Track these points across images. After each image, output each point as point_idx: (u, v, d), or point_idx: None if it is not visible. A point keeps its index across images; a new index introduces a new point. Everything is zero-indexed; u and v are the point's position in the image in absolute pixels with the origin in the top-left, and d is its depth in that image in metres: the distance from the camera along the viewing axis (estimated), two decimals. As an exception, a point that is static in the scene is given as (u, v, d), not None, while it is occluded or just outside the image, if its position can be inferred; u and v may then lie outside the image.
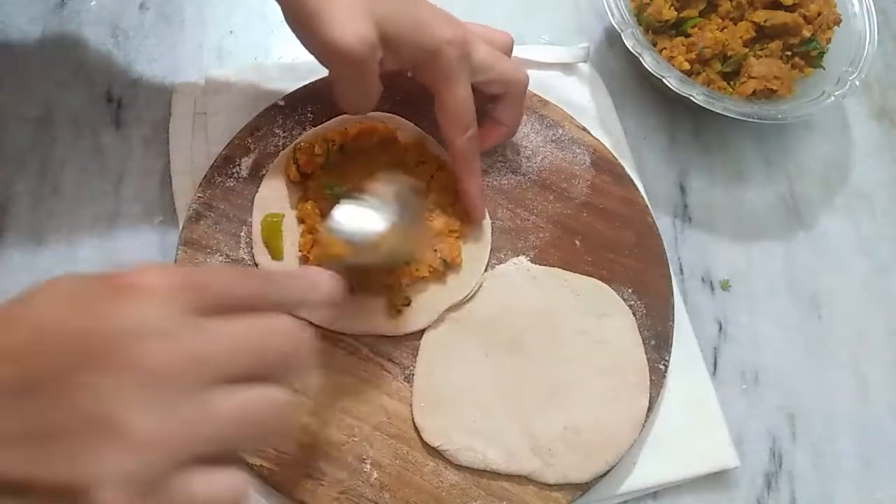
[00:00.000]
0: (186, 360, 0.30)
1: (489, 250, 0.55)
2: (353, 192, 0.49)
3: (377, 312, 0.52)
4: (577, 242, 0.57)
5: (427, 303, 0.53)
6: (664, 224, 0.61)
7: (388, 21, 0.46)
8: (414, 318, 0.52)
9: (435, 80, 0.50)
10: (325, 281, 0.38)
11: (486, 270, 0.55)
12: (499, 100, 0.54)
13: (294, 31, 0.48)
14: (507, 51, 0.55)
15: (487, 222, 0.56)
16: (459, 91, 0.50)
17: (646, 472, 0.52)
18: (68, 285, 0.32)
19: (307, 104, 0.58)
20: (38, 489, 0.28)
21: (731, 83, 0.63)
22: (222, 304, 0.32)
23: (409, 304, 0.52)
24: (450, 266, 0.53)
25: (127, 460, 0.28)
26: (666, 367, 0.54)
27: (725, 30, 0.63)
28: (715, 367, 0.58)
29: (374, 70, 0.47)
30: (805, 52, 0.64)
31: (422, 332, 0.53)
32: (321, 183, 0.54)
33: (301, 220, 0.54)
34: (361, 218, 0.47)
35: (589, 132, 0.60)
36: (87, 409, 0.28)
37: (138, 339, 0.29)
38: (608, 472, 0.50)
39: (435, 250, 0.53)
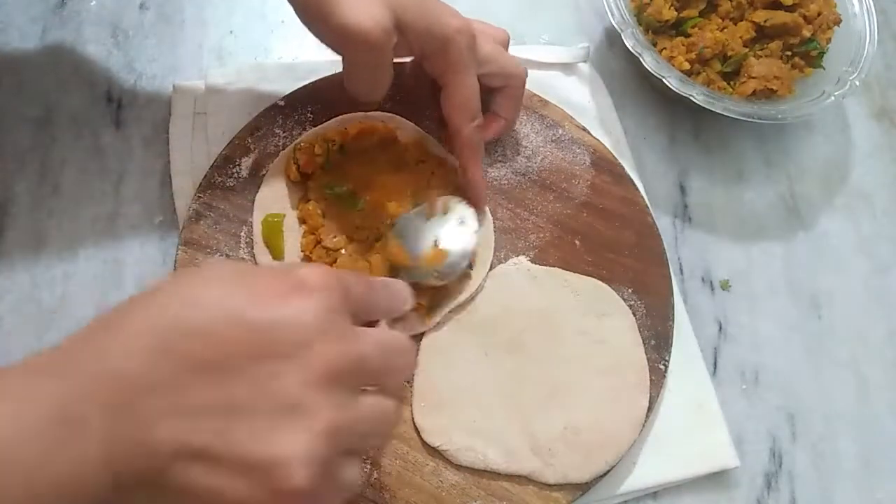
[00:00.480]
0: (352, 360, 0.34)
1: (492, 251, 0.55)
2: (418, 207, 0.53)
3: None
4: (577, 242, 0.57)
5: (430, 304, 0.53)
6: (664, 224, 0.61)
7: (402, 7, 0.46)
8: (418, 319, 0.52)
9: (444, 70, 0.50)
10: (407, 293, 0.42)
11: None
12: (498, 93, 0.55)
13: (306, 19, 0.48)
14: (505, 46, 0.56)
15: (489, 223, 0.56)
16: (468, 80, 0.50)
17: (646, 472, 0.52)
18: (236, 275, 0.35)
19: (307, 104, 0.58)
20: (230, 459, 0.31)
21: (731, 83, 0.63)
22: (354, 309, 0.36)
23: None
24: (471, 266, 0.54)
25: (314, 443, 0.32)
26: (666, 367, 0.54)
27: (725, 30, 0.63)
28: (715, 367, 0.58)
29: (390, 55, 0.48)
30: (805, 52, 0.64)
31: (422, 332, 0.53)
32: (321, 183, 0.54)
33: (302, 221, 0.54)
34: (426, 230, 0.51)
35: (589, 132, 0.60)
36: (277, 394, 0.32)
37: (315, 337, 0.33)
38: (608, 472, 0.50)
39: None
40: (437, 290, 0.52)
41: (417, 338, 0.52)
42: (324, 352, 0.33)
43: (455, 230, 0.52)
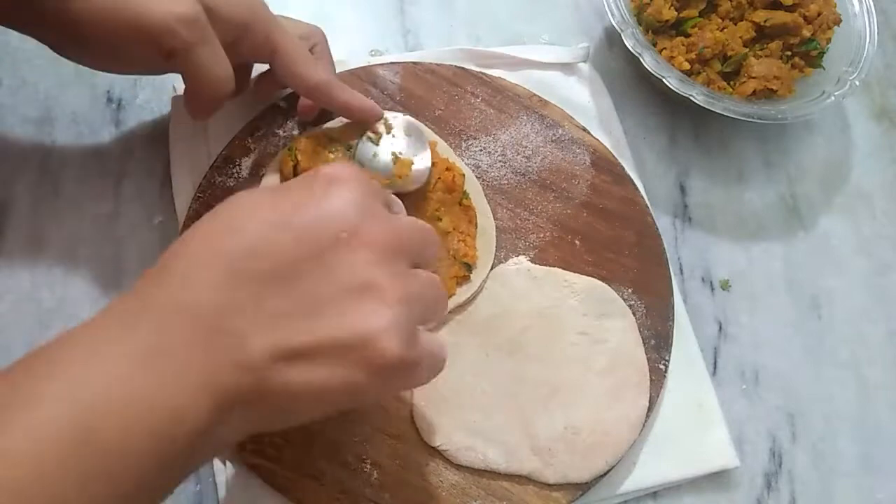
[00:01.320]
0: (397, 235, 0.36)
1: (493, 254, 0.55)
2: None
3: None
4: (577, 242, 0.57)
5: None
6: (664, 224, 0.61)
7: None
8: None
9: (261, 43, 0.48)
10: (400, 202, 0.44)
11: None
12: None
13: (105, 36, 0.43)
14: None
15: (491, 224, 0.56)
16: (287, 43, 0.49)
17: (646, 472, 0.52)
18: (271, 194, 0.36)
19: (307, 104, 0.58)
20: (324, 348, 0.33)
21: (731, 83, 0.63)
22: (381, 199, 0.39)
23: None
24: (470, 267, 0.54)
25: (393, 312, 0.34)
26: (666, 367, 0.54)
27: (725, 30, 0.63)
28: (715, 367, 0.58)
29: (212, 34, 0.44)
30: (805, 52, 0.64)
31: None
32: None
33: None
34: (373, 155, 0.54)
35: (589, 132, 0.60)
36: (349, 280, 0.34)
37: (360, 221, 0.35)
38: (608, 472, 0.50)
39: (453, 256, 0.53)
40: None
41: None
42: (372, 231, 0.35)
43: (405, 140, 0.55)
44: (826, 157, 0.68)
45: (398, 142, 0.55)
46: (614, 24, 0.60)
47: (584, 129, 0.60)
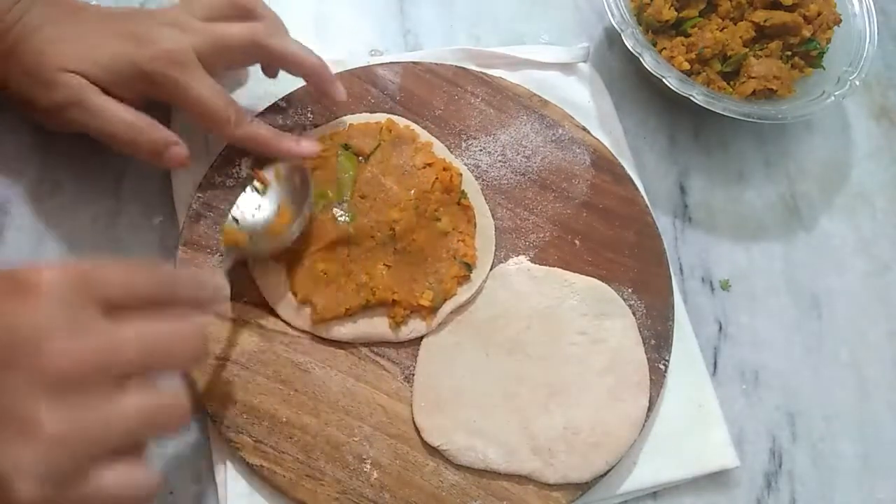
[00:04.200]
0: (90, 359, 0.31)
1: (493, 254, 0.55)
2: (254, 180, 0.53)
3: (382, 322, 0.52)
4: (577, 242, 0.57)
5: (432, 306, 0.53)
6: (664, 224, 0.61)
7: (88, 69, 0.47)
8: (419, 322, 0.53)
9: (168, 99, 0.49)
10: (209, 281, 0.40)
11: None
12: (264, 63, 0.54)
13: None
14: (244, 12, 0.51)
15: (490, 223, 0.56)
16: (192, 97, 0.48)
17: (646, 472, 0.52)
18: None
19: (307, 104, 0.58)
20: None
21: (731, 83, 0.63)
22: (122, 300, 0.33)
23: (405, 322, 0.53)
24: (470, 266, 0.54)
25: (40, 456, 0.29)
26: (666, 366, 0.54)
27: (725, 30, 0.63)
28: (715, 367, 0.58)
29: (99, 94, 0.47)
30: (805, 52, 0.64)
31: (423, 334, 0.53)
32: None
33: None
34: (256, 207, 0.52)
35: (589, 132, 0.60)
36: (2, 407, 0.30)
37: (44, 339, 0.30)
38: (608, 472, 0.50)
39: (453, 256, 0.53)
40: (437, 293, 0.52)
41: (418, 339, 0.52)
42: (56, 351, 0.30)
43: (289, 192, 0.52)
44: (826, 157, 0.68)
45: (282, 190, 0.53)
46: (614, 24, 0.60)
47: (584, 129, 0.60)
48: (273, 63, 0.54)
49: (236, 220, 0.51)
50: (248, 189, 0.53)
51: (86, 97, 0.47)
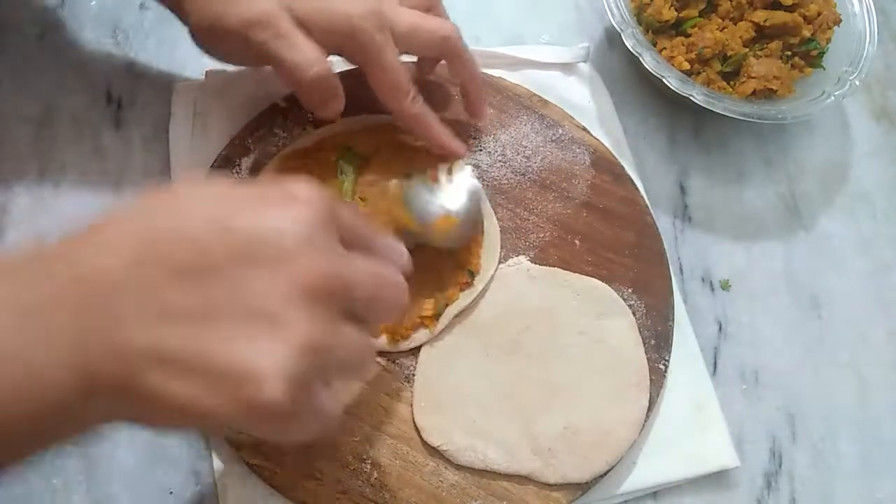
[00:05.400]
0: (338, 280, 0.33)
1: (497, 262, 0.55)
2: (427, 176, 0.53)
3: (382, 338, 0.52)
4: (577, 242, 0.57)
5: (435, 313, 0.52)
6: (664, 224, 0.61)
7: (296, 5, 0.47)
8: (421, 331, 0.52)
9: (360, 60, 0.50)
10: (404, 252, 0.41)
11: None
12: (445, 61, 0.54)
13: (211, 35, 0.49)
14: (431, 6, 0.53)
15: (496, 229, 0.56)
16: (385, 62, 0.49)
17: (646, 472, 0.52)
18: (226, 188, 0.34)
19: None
20: (200, 366, 0.30)
21: (731, 83, 0.63)
22: (347, 236, 0.36)
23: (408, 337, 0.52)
24: (474, 274, 0.54)
25: (290, 356, 0.30)
26: (666, 366, 0.54)
27: (725, 30, 0.63)
28: (715, 367, 0.58)
29: (289, 30, 0.47)
30: (805, 52, 0.64)
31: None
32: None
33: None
34: (433, 199, 0.52)
35: (589, 132, 0.60)
36: (256, 305, 0.30)
37: (299, 249, 0.32)
38: (608, 472, 0.50)
39: (457, 264, 0.53)
40: (438, 300, 0.52)
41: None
42: (309, 265, 0.32)
43: (463, 201, 0.53)
44: (826, 157, 0.68)
45: (456, 200, 0.53)
46: (614, 24, 0.60)
47: (584, 129, 0.60)
48: (453, 65, 0.54)
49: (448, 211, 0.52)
50: (422, 181, 0.53)
51: (278, 20, 0.47)
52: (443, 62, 0.54)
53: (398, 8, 0.50)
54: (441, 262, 0.53)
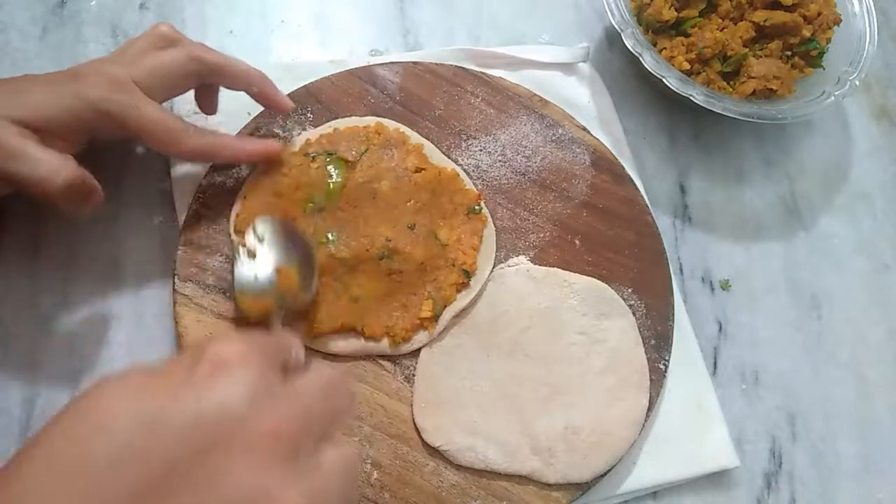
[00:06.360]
0: (297, 419, 0.31)
1: (492, 262, 0.55)
2: (242, 244, 0.50)
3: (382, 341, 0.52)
4: (577, 242, 0.57)
5: (434, 315, 0.52)
6: (664, 224, 0.61)
7: (16, 112, 0.44)
8: (420, 333, 0.52)
9: (121, 130, 0.47)
10: (296, 343, 0.39)
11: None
12: (213, 81, 0.52)
13: None
14: (171, 42, 0.49)
15: (492, 230, 0.56)
16: (148, 117, 0.47)
17: (646, 472, 0.52)
18: (143, 377, 0.30)
19: (307, 104, 0.58)
20: None
21: (731, 83, 0.63)
22: (279, 364, 0.34)
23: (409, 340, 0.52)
24: (469, 274, 0.53)
25: None
26: (666, 366, 0.54)
27: (725, 30, 0.63)
28: (715, 367, 0.58)
29: (18, 147, 0.44)
30: (805, 52, 0.64)
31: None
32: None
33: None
34: (261, 269, 0.49)
35: (589, 132, 0.60)
36: (237, 488, 0.28)
37: (250, 413, 0.30)
38: (608, 471, 0.50)
39: (453, 264, 0.53)
40: (436, 301, 0.52)
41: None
42: (265, 425, 0.30)
43: (281, 246, 0.50)
44: (826, 157, 0.68)
45: (274, 250, 0.49)
46: (614, 24, 0.60)
47: (584, 129, 0.60)
48: (213, 77, 0.51)
49: (243, 292, 0.48)
50: (239, 261, 0.49)
51: (2, 141, 0.43)
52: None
53: (131, 61, 0.48)
54: (433, 263, 0.53)
